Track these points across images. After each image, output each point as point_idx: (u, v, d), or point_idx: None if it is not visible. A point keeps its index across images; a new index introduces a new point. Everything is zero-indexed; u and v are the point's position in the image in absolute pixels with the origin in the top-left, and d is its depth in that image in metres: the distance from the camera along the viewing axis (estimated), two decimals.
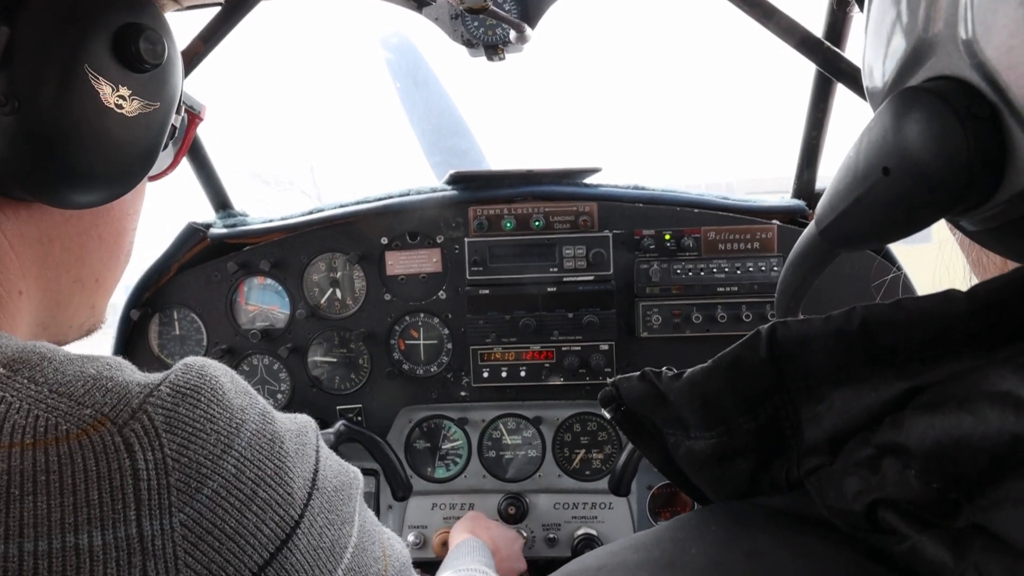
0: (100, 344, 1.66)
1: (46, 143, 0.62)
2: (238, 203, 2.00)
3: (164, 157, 0.86)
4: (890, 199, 0.41)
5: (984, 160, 0.35)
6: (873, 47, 0.46)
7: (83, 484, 0.50)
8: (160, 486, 0.52)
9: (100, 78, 0.64)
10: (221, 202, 1.97)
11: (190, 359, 0.61)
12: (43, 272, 0.69)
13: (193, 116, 0.87)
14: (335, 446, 1.68)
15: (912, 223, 0.42)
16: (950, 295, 0.38)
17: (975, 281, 0.47)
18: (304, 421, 0.67)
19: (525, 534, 1.83)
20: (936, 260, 0.52)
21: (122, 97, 0.66)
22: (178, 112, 0.78)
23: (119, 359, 0.60)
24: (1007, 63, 0.34)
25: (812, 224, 0.53)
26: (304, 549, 0.58)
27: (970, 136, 0.35)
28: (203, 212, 1.98)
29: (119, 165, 0.69)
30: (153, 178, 0.85)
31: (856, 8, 1.41)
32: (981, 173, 0.36)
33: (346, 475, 0.68)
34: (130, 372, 0.58)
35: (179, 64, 0.74)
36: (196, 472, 0.53)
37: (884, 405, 0.40)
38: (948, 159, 0.36)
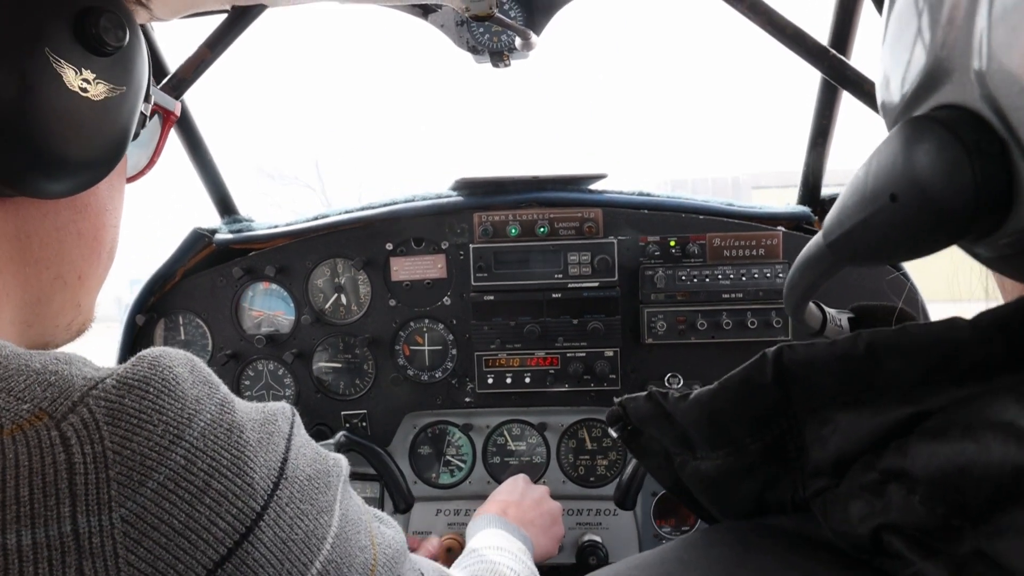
0: (105, 349, 1.67)
1: (11, 128, 0.61)
2: (242, 198, 2.01)
3: (141, 156, 0.86)
4: (896, 225, 0.41)
5: (990, 195, 0.35)
6: (891, 61, 0.45)
7: (13, 481, 0.48)
8: (99, 480, 0.49)
9: (62, 61, 0.63)
10: (226, 207, 1.98)
11: (147, 350, 0.58)
12: (21, 269, 0.67)
13: (167, 114, 0.86)
14: None
15: (917, 249, 0.42)
16: (955, 322, 0.38)
17: (991, 286, 0.47)
18: (276, 409, 0.64)
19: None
20: (949, 268, 0.52)
21: (86, 80, 0.65)
22: (147, 100, 0.76)
23: (75, 354, 0.57)
24: (1018, 101, 0.33)
25: (820, 235, 0.53)
26: (270, 542, 0.55)
27: (977, 171, 0.35)
28: (208, 217, 1.99)
29: (90, 149, 0.67)
30: (131, 179, 0.84)
31: (861, 18, 1.41)
32: (987, 207, 0.36)
33: (323, 463, 0.65)
34: (80, 366, 0.55)
35: (143, 50, 0.73)
36: (140, 464, 0.51)
37: (889, 430, 0.40)
38: (955, 192, 0.36)
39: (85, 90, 0.65)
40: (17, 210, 0.66)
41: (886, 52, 0.46)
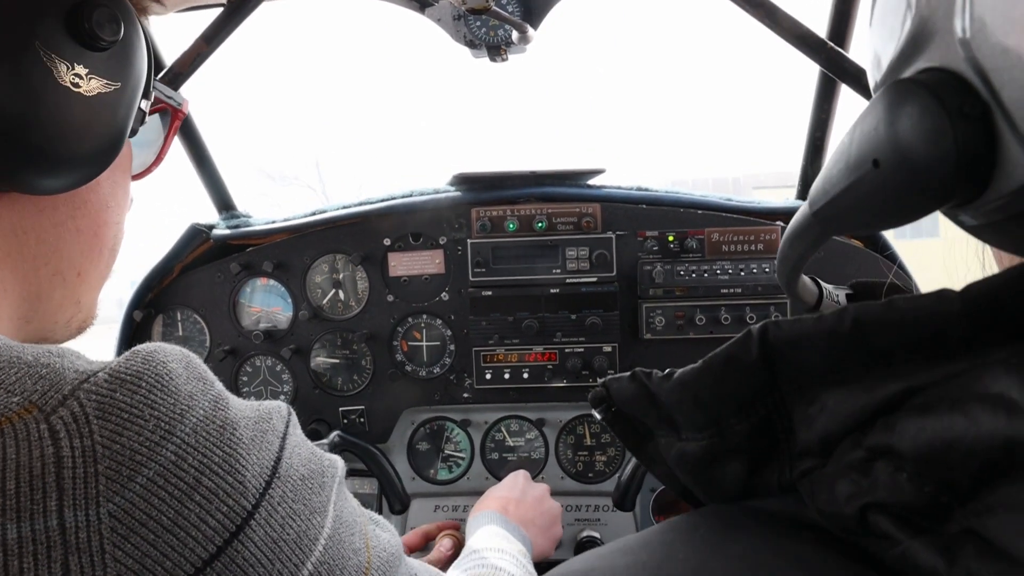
0: (103, 345, 1.67)
1: (1, 124, 0.60)
2: (242, 198, 2.01)
3: (147, 154, 0.85)
4: (879, 191, 0.41)
5: (972, 160, 0.35)
6: (878, 37, 0.44)
7: (0, 474, 0.47)
8: (87, 475, 0.49)
9: (53, 56, 0.62)
10: (224, 203, 1.98)
11: (142, 345, 0.58)
12: (19, 264, 0.67)
13: (175, 111, 0.85)
14: None
15: (900, 216, 0.41)
16: (944, 294, 0.37)
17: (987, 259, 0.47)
18: (271, 408, 0.63)
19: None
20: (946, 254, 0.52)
21: (78, 76, 0.64)
22: (147, 96, 0.75)
23: (68, 348, 0.57)
24: (1001, 64, 0.33)
25: (806, 205, 0.52)
26: (261, 542, 0.55)
27: (959, 136, 0.34)
28: (206, 213, 1.99)
29: (82, 146, 0.66)
30: (137, 176, 0.84)
31: (859, 11, 1.41)
32: (968, 173, 0.35)
33: (318, 463, 0.64)
34: (72, 359, 0.55)
35: (143, 46, 0.72)
36: (130, 459, 0.50)
37: (877, 407, 0.39)
38: (937, 157, 0.35)
39: (77, 85, 0.64)
40: (12, 205, 0.66)
41: (874, 31, 0.45)
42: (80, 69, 0.64)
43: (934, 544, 0.34)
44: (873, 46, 0.46)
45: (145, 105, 0.75)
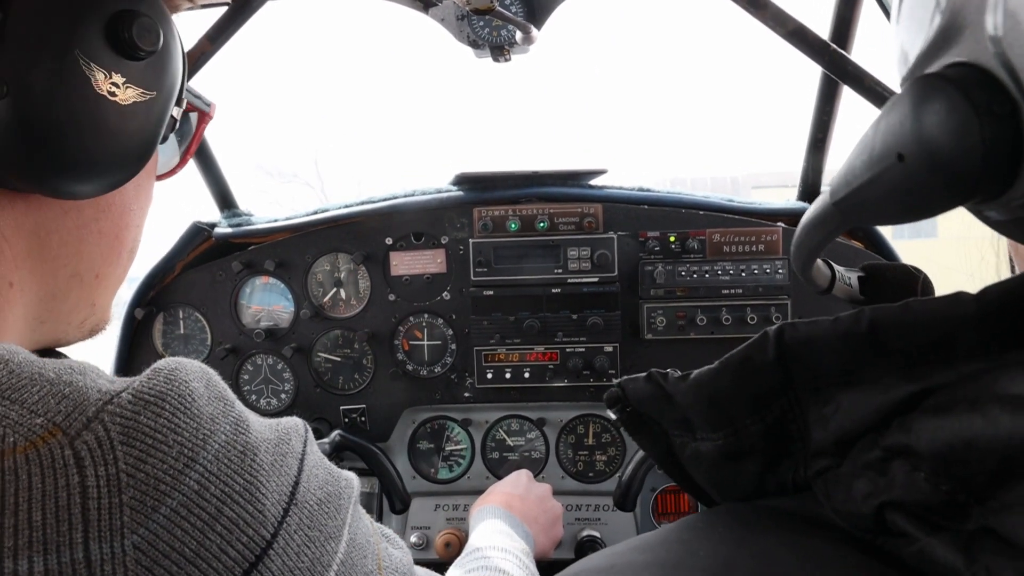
0: (104, 343, 1.66)
1: (36, 129, 0.60)
2: (242, 195, 2.00)
3: (171, 155, 0.84)
4: (903, 185, 0.40)
5: (999, 157, 0.34)
6: (906, 32, 0.44)
7: (26, 504, 0.46)
8: (112, 505, 0.48)
9: (92, 64, 0.61)
10: (226, 201, 1.98)
11: (163, 361, 0.56)
12: (38, 265, 0.66)
13: (203, 114, 0.85)
14: (330, 457, 1.67)
15: (923, 210, 0.41)
16: (959, 297, 0.38)
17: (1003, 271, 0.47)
18: (290, 427, 0.63)
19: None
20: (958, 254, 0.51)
21: (115, 84, 0.64)
22: (179, 104, 0.74)
23: (89, 363, 0.56)
24: None
25: (827, 194, 0.51)
26: (278, 570, 0.54)
27: (986, 133, 0.34)
28: (208, 211, 1.99)
29: (114, 154, 0.66)
30: (160, 177, 0.84)
31: (862, 13, 1.41)
32: (994, 170, 0.35)
33: (334, 484, 0.63)
34: (94, 377, 0.54)
35: (179, 54, 0.72)
36: (154, 489, 0.49)
37: (892, 407, 0.40)
38: (962, 154, 0.35)
39: (114, 94, 0.64)
40: (39, 206, 0.65)
41: (902, 24, 0.45)
42: (118, 78, 0.64)
43: (952, 542, 0.34)
44: (900, 39, 0.45)
45: (176, 112, 0.75)
